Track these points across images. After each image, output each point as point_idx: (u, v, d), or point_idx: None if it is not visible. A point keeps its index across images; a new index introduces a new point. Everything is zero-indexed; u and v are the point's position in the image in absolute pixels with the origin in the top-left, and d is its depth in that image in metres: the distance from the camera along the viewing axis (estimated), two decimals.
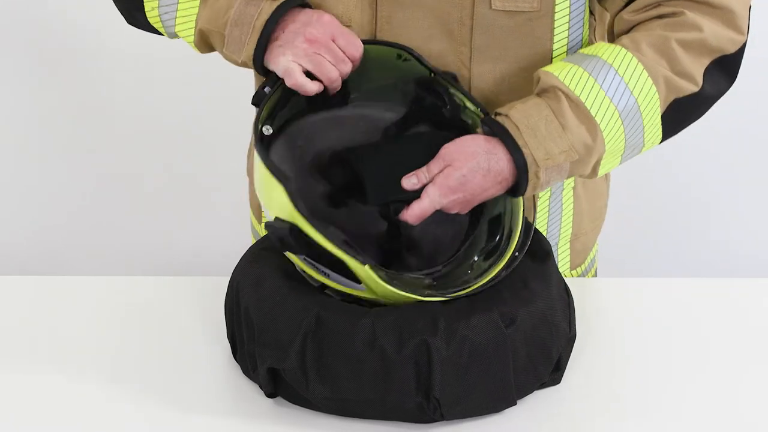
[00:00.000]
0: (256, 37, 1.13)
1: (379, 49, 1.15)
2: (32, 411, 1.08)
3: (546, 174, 1.10)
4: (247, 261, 1.16)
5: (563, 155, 1.09)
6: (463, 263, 1.16)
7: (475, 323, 1.03)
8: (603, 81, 1.11)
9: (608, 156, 1.14)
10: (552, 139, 1.09)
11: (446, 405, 1.01)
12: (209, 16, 1.18)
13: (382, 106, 1.19)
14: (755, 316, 1.25)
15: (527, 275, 1.12)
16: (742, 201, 2.53)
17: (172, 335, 1.22)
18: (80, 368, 1.15)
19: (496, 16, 1.16)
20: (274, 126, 1.14)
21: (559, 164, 1.10)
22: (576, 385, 1.11)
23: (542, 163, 1.09)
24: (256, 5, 1.14)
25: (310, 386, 1.03)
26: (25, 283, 1.36)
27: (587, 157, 1.11)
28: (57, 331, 1.22)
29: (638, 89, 1.12)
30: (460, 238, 1.19)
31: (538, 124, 1.09)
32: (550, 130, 1.09)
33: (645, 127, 1.13)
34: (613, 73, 1.11)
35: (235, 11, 1.15)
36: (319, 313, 1.04)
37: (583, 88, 1.11)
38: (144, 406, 1.08)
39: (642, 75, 1.12)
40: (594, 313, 1.24)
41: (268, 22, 1.12)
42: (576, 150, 1.10)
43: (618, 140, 1.13)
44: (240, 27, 1.14)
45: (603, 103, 1.11)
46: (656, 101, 1.13)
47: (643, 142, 1.16)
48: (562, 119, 1.10)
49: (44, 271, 2.52)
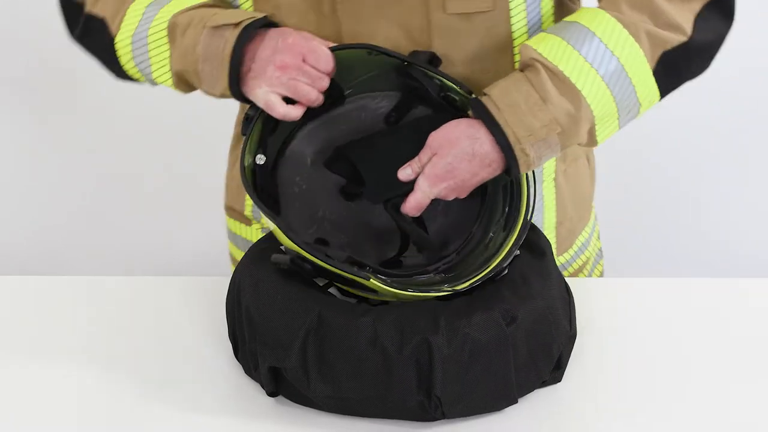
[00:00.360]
0: (227, 70, 1.11)
1: (349, 52, 1.15)
2: (32, 411, 1.08)
3: (534, 150, 1.08)
4: (248, 260, 1.16)
5: (545, 129, 1.07)
6: (479, 244, 1.16)
7: (477, 321, 1.02)
8: (581, 47, 1.09)
9: (602, 121, 1.12)
10: (533, 114, 1.07)
11: (447, 403, 1.01)
12: (180, 56, 1.17)
13: (376, 95, 1.20)
14: (755, 315, 1.25)
15: (526, 271, 1.11)
16: (743, 201, 2.52)
17: (173, 335, 1.21)
18: (80, 368, 1.14)
19: (452, 19, 1.16)
20: (267, 153, 1.15)
21: (543, 138, 1.08)
22: (577, 384, 1.11)
23: (525, 140, 1.07)
24: (221, 36, 1.12)
25: (311, 385, 1.02)
26: (25, 283, 1.36)
27: (574, 127, 1.09)
28: (57, 331, 1.22)
29: (620, 49, 1.09)
30: (472, 221, 1.18)
31: (517, 100, 1.08)
32: (530, 105, 1.08)
33: (636, 86, 1.11)
34: (591, 37, 1.09)
35: (201, 47, 1.13)
36: (320, 311, 1.03)
37: (561, 57, 1.09)
38: (144, 406, 1.08)
39: (622, 34, 1.09)
40: (595, 313, 1.23)
41: (234, 52, 1.10)
42: (559, 122, 1.08)
43: (607, 105, 1.10)
44: (210, 61, 1.13)
45: (583, 69, 1.08)
46: (642, 58, 1.10)
47: (638, 102, 1.13)
48: (543, 92, 1.08)
49: (44, 271, 2.52)
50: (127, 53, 1.22)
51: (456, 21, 1.16)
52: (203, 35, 1.13)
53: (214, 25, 1.13)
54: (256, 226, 1.40)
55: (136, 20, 1.20)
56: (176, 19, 1.17)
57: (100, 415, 1.07)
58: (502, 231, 1.14)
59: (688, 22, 1.11)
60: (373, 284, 1.05)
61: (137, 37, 1.20)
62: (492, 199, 1.18)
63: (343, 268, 1.04)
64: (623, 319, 1.24)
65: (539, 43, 1.11)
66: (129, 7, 1.21)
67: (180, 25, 1.16)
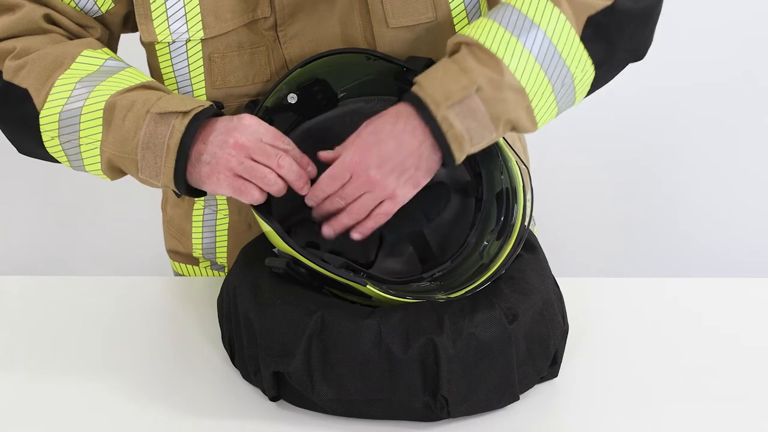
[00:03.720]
0: (173, 159, 1.03)
1: (349, 56, 1.14)
2: (31, 411, 1.06)
3: (459, 119, 1.02)
4: (242, 265, 1.14)
5: (463, 91, 1.01)
6: (473, 252, 1.15)
7: (480, 320, 1.02)
8: (501, 19, 1.05)
9: (538, 98, 1.06)
10: (450, 80, 1.02)
11: (454, 403, 1.00)
12: (117, 141, 1.06)
13: (371, 99, 1.18)
14: (750, 315, 1.24)
15: (522, 267, 1.11)
16: (735, 201, 2.52)
17: (173, 335, 1.20)
18: (80, 368, 1.13)
19: (396, 32, 1.15)
20: None
21: (460, 100, 1.01)
22: (573, 378, 1.11)
23: (443, 102, 1.01)
24: (167, 123, 1.03)
25: (315, 388, 1.01)
26: (25, 283, 1.34)
27: (497, 92, 1.03)
28: (57, 331, 1.21)
29: (539, 16, 1.05)
30: (466, 228, 1.17)
31: (435, 73, 1.05)
32: (448, 73, 1.03)
33: (564, 55, 1.06)
34: (510, 9, 1.06)
35: (143, 133, 1.04)
36: (323, 315, 1.02)
37: (482, 31, 1.05)
38: (145, 406, 1.06)
39: (541, 2, 1.05)
40: (589, 313, 1.22)
41: (183, 139, 1.02)
42: (477, 84, 1.03)
43: (536, 75, 1.05)
44: (152, 149, 1.03)
45: (504, 38, 1.04)
46: (565, 24, 1.05)
47: (570, 73, 1.08)
48: (462, 64, 1.04)
49: (44, 271, 2.51)
50: (52, 130, 1.09)
51: (402, 33, 1.15)
52: (146, 121, 1.04)
53: (160, 112, 1.03)
54: (204, 264, 1.38)
55: (65, 96, 1.08)
56: (115, 100, 1.06)
57: (100, 416, 1.05)
58: (497, 240, 1.13)
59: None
60: (369, 290, 1.03)
61: (67, 114, 1.08)
62: (487, 208, 1.16)
63: (339, 273, 1.03)
64: (618, 318, 1.23)
65: (464, 29, 1.08)
66: (56, 81, 1.08)
67: (120, 107, 1.06)
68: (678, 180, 2.50)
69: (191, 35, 1.13)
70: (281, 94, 1.15)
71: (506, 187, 1.14)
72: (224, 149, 1.03)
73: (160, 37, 1.13)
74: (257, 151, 1.03)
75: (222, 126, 1.05)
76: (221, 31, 1.13)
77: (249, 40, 1.15)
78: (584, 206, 2.50)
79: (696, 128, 2.44)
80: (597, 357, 1.15)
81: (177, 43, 1.14)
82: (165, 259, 1.47)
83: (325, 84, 1.16)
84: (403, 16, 1.14)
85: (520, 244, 1.10)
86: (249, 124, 1.05)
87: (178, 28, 1.12)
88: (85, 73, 1.10)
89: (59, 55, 1.10)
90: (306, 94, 1.16)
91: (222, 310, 1.15)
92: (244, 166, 1.03)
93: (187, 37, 1.13)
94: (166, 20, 1.12)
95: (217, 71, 1.15)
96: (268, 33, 1.15)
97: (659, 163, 2.48)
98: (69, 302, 1.28)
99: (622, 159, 2.47)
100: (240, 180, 1.04)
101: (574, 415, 1.06)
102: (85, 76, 1.09)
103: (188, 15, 1.12)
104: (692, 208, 2.52)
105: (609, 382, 1.10)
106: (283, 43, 1.15)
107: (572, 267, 2.39)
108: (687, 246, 2.54)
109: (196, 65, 1.15)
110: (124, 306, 1.26)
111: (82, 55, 1.11)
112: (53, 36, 1.13)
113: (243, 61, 1.15)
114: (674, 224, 2.53)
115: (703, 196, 2.51)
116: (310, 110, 1.17)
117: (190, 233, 1.34)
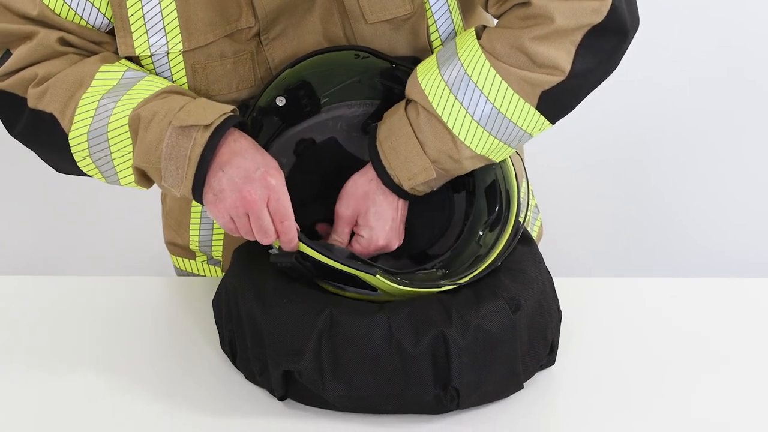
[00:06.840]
0: (193, 171, 1.04)
1: (338, 54, 1.13)
2: (31, 411, 1.06)
3: (424, 186, 1.11)
4: (238, 266, 1.12)
5: (423, 174, 1.09)
6: (470, 241, 1.15)
7: (486, 311, 1.01)
8: (458, 91, 1.08)
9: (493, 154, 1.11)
10: (411, 160, 1.09)
11: (464, 395, 1.00)
12: (143, 152, 1.07)
13: (352, 104, 1.18)
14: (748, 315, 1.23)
15: (519, 258, 1.11)
16: (737, 201, 2.51)
17: (173, 335, 1.19)
18: (80, 368, 1.12)
19: (375, 28, 1.14)
20: None
21: (423, 182, 1.10)
22: (569, 364, 1.11)
23: (407, 183, 1.10)
24: (189, 136, 1.04)
25: (326, 385, 1.00)
26: (25, 283, 1.34)
27: (453, 164, 1.10)
28: (57, 331, 1.20)
29: (493, 95, 1.07)
30: (461, 219, 1.17)
31: (398, 144, 1.09)
32: (409, 149, 1.09)
33: (517, 122, 1.08)
34: (467, 82, 1.07)
35: (166, 145, 1.05)
36: (332, 312, 1.01)
37: (440, 100, 1.08)
38: (145, 406, 1.05)
39: (495, 80, 1.07)
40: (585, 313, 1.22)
41: (204, 153, 1.04)
42: (437, 164, 1.09)
43: (486, 142, 1.09)
44: (174, 160, 1.05)
45: (459, 114, 1.07)
46: (518, 101, 1.07)
47: (523, 132, 1.10)
48: (421, 135, 1.09)
49: (44, 271, 2.50)
50: (82, 150, 1.11)
51: (381, 28, 1.14)
52: (168, 133, 1.05)
53: (182, 125, 1.04)
54: (201, 258, 1.37)
55: (90, 115, 1.09)
56: (138, 113, 1.07)
57: (100, 416, 1.04)
58: (489, 231, 1.13)
59: (567, 57, 1.06)
60: (379, 280, 1.02)
61: (94, 133, 1.09)
62: (478, 200, 1.17)
63: (350, 264, 1.02)
64: (614, 317, 1.22)
65: (424, 75, 1.10)
66: (79, 101, 1.09)
67: (143, 118, 1.07)
68: (675, 179, 2.49)
69: (170, 48, 1.12)
70: (272, 95, 1.14)
71: (497, 178, 1.14)
72: (233, 193, 1.04)
73: (138, 51, 1.12)
74: (257, 217, 1.04)
75: (246, 164, 1.05)
76: (201, 44, 1.13)
77: (231, 49, 1.14)
78: (583, 206, 2.49)
79: (695, 128, 2.44)
80: (591, 345, 1.15)
81: (157, 56, 1.13)
82: (165, 259, 1.46)
83: (310, 88, 1.15)
84: (380, 12, 1.13)
85: (518, 235, 1.10)
86: (270, 185, 1.05)
87: (157, 41, 1.12)
88: (105, 89, 1.10)
89: (78, 75, 1.10)
90: (293, 97, 1.16)
91: (220, 312, 1.14)
92: (240, 221, 1.05)
93: (166, 49, 1.12)
94: (145, 33, 1.11)
95: (200, 81, 1.15)
96: (251, 41, 1.14)
97: (656, 162, 2.48)
98: (69, 302, 1.27)
99: (618, 158, 2.47)
100: (233, 224, 1.06)
101: (575, 402, 1.07)
102: (106, 92, 1.10)
103: (167, 28, 1.11)
104: (689, 207, 2.51)
105: (604, 366, 1.11)
106: (266, 47, 1.14)
107: (569, 267, 2.38)
108: (685, 246, 2.54)
109: (179, 75, 1.15)
110: (124, 306, 1.26)
111: (100, 71, 1.11)
112: (70, 57, 1.13)
113: (226, 70, 1.15)
114: (672, 224, 2.53)
115: (701, 196, 2.50)
116: (295, 115, 1.17)
117: (188, 225, 1.34)
